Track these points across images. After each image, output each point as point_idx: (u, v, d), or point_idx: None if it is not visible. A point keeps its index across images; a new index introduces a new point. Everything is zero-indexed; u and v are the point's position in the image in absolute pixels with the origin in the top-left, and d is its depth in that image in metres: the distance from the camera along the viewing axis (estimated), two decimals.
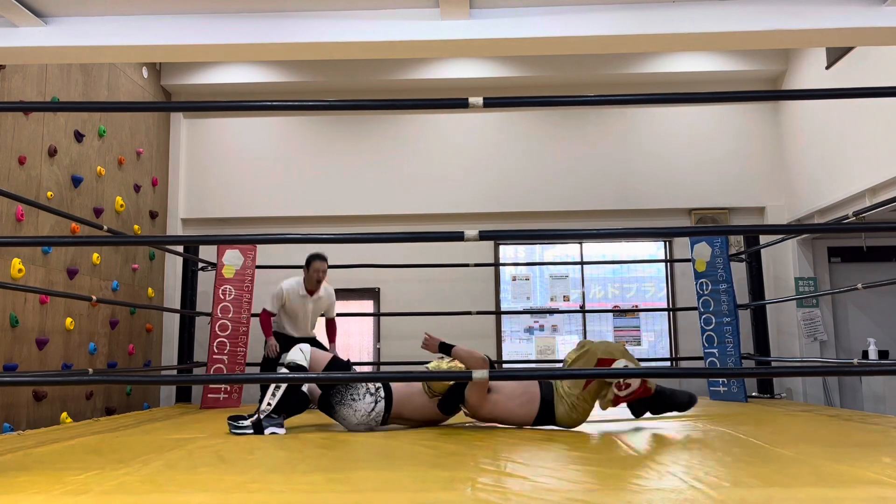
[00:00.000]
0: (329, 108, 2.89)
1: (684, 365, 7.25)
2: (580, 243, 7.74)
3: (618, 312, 7.61)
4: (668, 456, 2.82)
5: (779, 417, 4.55)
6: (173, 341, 7.13)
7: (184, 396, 6.55)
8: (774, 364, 6.58)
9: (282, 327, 5.79)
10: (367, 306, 7.59)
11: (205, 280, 6.89)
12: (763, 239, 6.53)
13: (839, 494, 2.06)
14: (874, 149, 5.84)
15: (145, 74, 7.21)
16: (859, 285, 4.79)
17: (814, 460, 2.65)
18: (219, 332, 6.13)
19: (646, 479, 2.32)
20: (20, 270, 5.08)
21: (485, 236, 2.61)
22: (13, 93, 5.15)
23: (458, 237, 2.59)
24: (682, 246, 7.42)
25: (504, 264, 7.62)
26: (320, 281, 5.62)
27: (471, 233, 2.58)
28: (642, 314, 7.61)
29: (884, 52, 5.56)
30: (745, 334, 6.63)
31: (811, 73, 6.89)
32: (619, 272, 7.76)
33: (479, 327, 7.39)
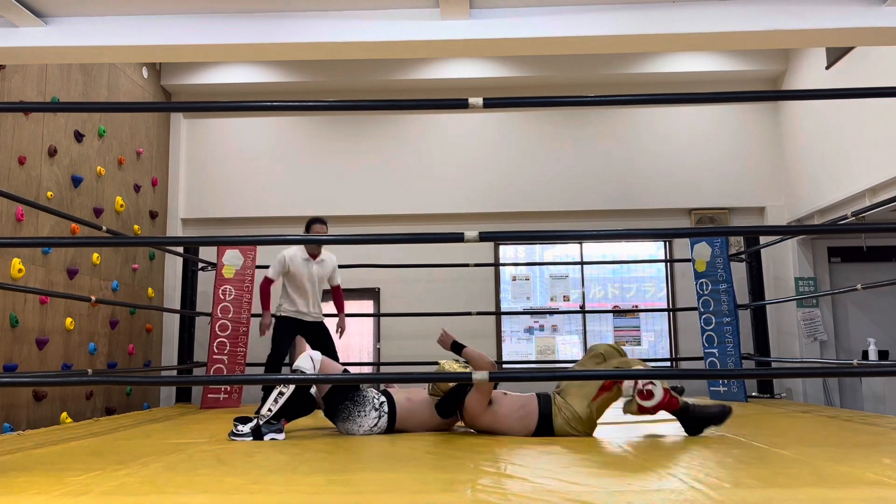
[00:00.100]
0: (329, 108, 2.88)
1: (684, 365, 7.25)
2: (580, 243, 7.74)
3: (618, 312, 7.61)
4: (668, 457, 2.82)
5: (779, 418, 4.55)
6: (173, 341, 7.13)
7: (184, 396, 6.55)
8: (774, 364, 6.57)
9: (291, 304, 5.50)
10: (367, 306, 7.59)
11: (205, 280, 6.89)
12: (763, 239, 6.53)
13: (839, 495, 2.06)
14: (874, 149, 5.84)
15: (145, 74, 7.21)
16: (859, 285, 4.79)
17: (814, 461, 2.65)
18: (219, 332, 6.13)
19: (646, 480, 2.32)
20: (20, 270, 5.08)
21: (485, 237, 2.60)
22: (13, 93, 5.15)
23: (458, 238, 2.59)
24: (682, 246, 7.42)
25: (504, 264, 7.62)
26: (320, 246, 5.59)
27: (471, 234, 2.58)
28: (642, 314, 7.61)
29: (884, 52, 5.56)
30: (745, 334, 6.64)
31: (811, 73, 6.89)
32: (619, 272, 7.76)
33: (479, 327, 7.39)
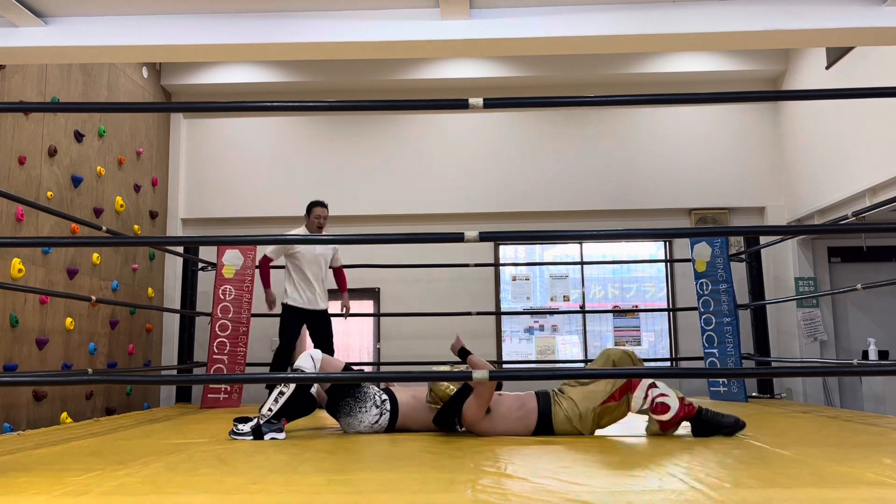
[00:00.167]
0: (329, 108, 2.88)
1: (684, 365, 7.25)
2: (580, 243, 7.74)
3: (618, 312, 7.61)
4: (668, 457, 2.82)
5: (779, 418, 4.55)
6: (173, 341, 7.13)
7: (184, 396, 6.55)
8: (774, 364, 6.57)
9: (298, 293, 5.49)
10: (367, 306, 7.59)
11: (205, 280, 6.88)
12: (763, 239, 6.53)
13: (840, 495, 2.05)
14: (874, 149, 5.84)
15: (145, 74, 7.21)
16: (859, 285, 4.79)
17: (814, 461, 2.65)
18: (219, 332, 6.13)
19: (647, 480, 2.32)
20: (20, 270, 5.08)
21: (485, 237, 2.60)
22: (13, 93, 5.15)
23: (458, 238, 2.59)
24: (682, 246, 7.42)
25: (504, 264, 7.62)
26: (321, 227, 5.62)
27: (471, 234, 2.58)
28: (642, 314, 7.61)
29: (884, 52, 5.56)
30: (745, 334, 6.63)
31: (811, 73, 6.89)
32: (619, 272, 7.76)
33: (479, 327, 7.39)
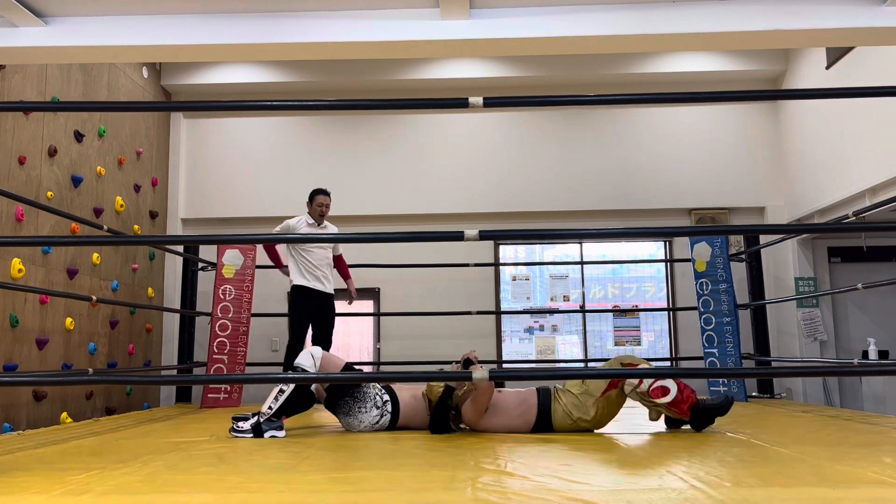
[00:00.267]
0: (329, 108, 2.88)
1: (684, 365, 7.25)
2: (580, 243, 7.74)
3: (618, 312, 7.61)
4: (668, 456, 2.82)
5: (779, 417, 4.55)
6: (173, 341, 7.13)
7: (184, 396, 6.55)
8: (774, 364, 6.57)
9: (302, 274, 5.45)
10: (367, 306, 7.59)
11: (205, 280, 6.88)
12: (763, 239, 6.53)
13: (840, 495, 2.05)
14: (874, 149, 5.84)
15: (145, 74, 7.21)
16: (859, 285, 4.79)
17: (814, 460, 2.65)
18: (219, 332, 6.13)
19: (647, 478, 2.32)
20: (20, 270, 5.08)
21: (485, 236, 2.60)
22: (13, 93, 5.15)
23: (458, 237, 2.59)
24: (682, 246, 7.42)
25: (504, 264, 7.62)
26: (323, 215, 5.65)
27: (471, 233, 2.58)
28: (642, 314, 7.61)
29: (884, 52, 5.56)
30: (745, 334, 6.63)
31: (811, 73, 6.89)
32: (619, 272, 7.76)
33: (479, 327, 7.39)
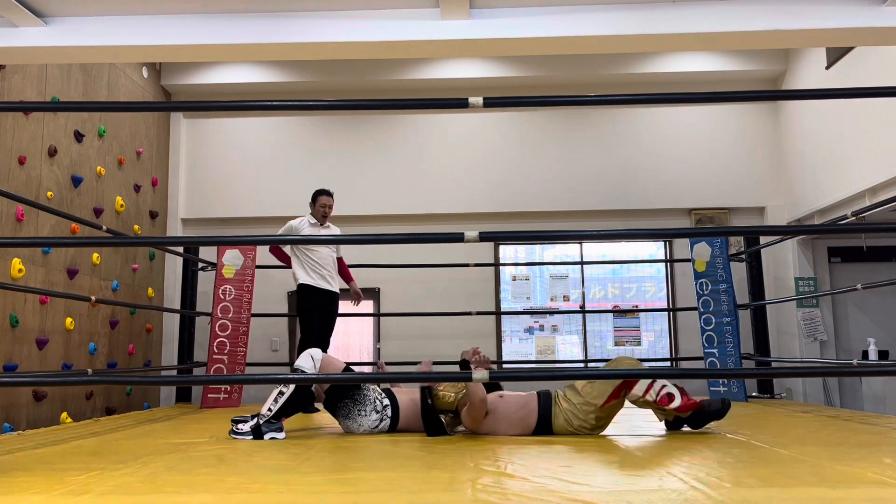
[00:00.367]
0: (329, 108, 2.89)
1: (684, 365, 7.25)
2: (580, 243, 7.74)
3: (618, 312, 7.61)
4: (668, 456, 2.82)
5: (779, 418, 4.55)
6: (173, 341, 7.13)
7: (184, 396, 6.55)
8: (774, 364, 6.57)
9: (307, 273, 5.46)
10: (367, 306, 7.59)
11: (205, 280, 6.88)
12: (763, 239, 6.53)
13: (840, 495, 2.05)
14: (874, 149, 5.84)
15: (145, 74, 7.21)
16: (859, 285, 4.79)
17: (814, 461, 2.65)
18: (219, 332, 6.13)
19: (646, 479, 2.32)
20: (20, 270, 5.08)
21: (485, 237, 2.60)
22: (13, 93, 5.15)
23: (459, 238, 2.59)
24: (682, 246, 7.41)
25: (504, 264, 7.62)
26: (326, 216, 5.67)
27: (471, 234, 2.58)
28: (642, 314, 7.61)
29: (884, 52, 5.56)
30: (745, 334, 6.63)
31: (811, 73, 6.89)
32: (619, 272, 7.76)
33: (479, 327, 7.39)
